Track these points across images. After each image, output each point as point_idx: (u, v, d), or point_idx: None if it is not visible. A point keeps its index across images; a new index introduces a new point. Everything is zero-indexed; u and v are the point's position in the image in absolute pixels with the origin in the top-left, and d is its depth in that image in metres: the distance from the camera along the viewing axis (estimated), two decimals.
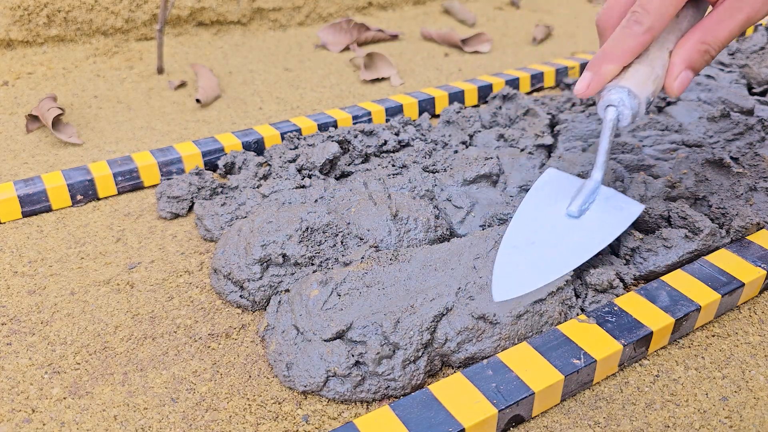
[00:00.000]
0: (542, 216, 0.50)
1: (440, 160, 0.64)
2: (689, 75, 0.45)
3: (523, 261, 0.46)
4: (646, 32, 0.44)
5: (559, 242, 0.48)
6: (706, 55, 0.44)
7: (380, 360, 0.40)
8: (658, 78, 0.45)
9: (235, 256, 0.49)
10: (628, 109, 0.45)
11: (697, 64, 0.45)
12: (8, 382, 0.42)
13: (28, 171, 0.68)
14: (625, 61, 0.45)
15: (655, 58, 0.45)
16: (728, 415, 0.40)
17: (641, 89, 0.45)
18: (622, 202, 0.50)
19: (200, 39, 1.11)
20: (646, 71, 0.45)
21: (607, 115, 0.46)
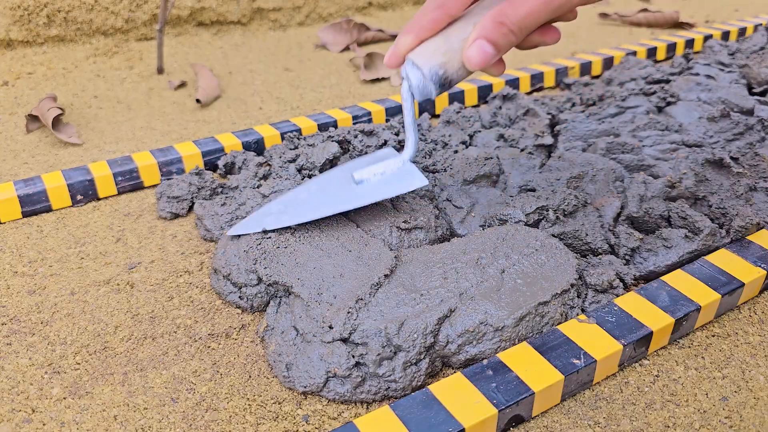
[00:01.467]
0: (329, 181, 0.53)
1: (440, 160, 0.64)
2: (484, 45, 0.42)
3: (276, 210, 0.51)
4: (437, 8, 0.43)
5: (322, 199, 0.51)
6: (502, 27, 0.42)
7: (381, 361, 0.40)
8: (451, 50, 0.44)
9: (236, 257, 0.49)
10: (412, 81, 0.45)
11: (492, 36, 0.42)
12: (8, 382, 0.42)
13: (28, 171, 0.68)
14: (419, 34, 0.44)
15: (452, 32, 0.44)
16: (728, 415, 0.40)
17: (425, 60, 0.44)
18: (411, 175, 0.51)
19: (200, 39, 1.11)
20: (437, 43, 0.44)
21: (402, 89, 0.47)
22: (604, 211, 0.54)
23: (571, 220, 0.53)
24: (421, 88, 0.45)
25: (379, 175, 0.51)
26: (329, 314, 0.42)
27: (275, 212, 0.51)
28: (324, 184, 0.53)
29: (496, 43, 0.42)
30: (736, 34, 1.13)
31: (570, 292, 0.46)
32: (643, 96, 0.78)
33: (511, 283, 0.45)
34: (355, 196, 0.51)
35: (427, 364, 0.41)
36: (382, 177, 0.51)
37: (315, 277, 0.46)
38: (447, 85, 0.45)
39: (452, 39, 0.44)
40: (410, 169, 0.51)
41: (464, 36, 0.44)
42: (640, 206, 0.55)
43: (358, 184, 0.51)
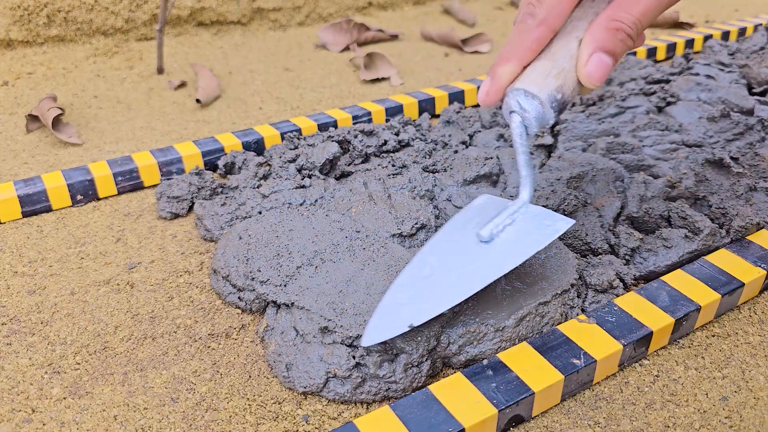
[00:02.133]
0: (449, 246, 0.44)
1: (440, 160, 0.64)
2: (603, 58, 0.39)
3: (406, 297, 0.41)
4: (540, 24, 0.39)
5: (456, 271, 0.42)
6: (619, 33, 0.38)
7: (382, 363, 0.40)
8: (563, 71, 0.40)
9: (235, 259, 0.49)
10: (531, 113, 0.40)
11: (610, 45, 0.39)
12: (8, 382, 0.42)
13: (28, 171, 0.68)
14: (522, 59, 0.40)
15: (558, 51, 0.40)
16: (728, 415, 0.40)
17: (540, 87, 0.40)
18: (548, 219, 0.44)
19: (200, 39, 1.11)
20: (545, 66, 0.40)
21: (512, 123, 0.41)
22: (604, 211, 0.54)
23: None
24: (540, 117, 0.40)
25: (509, 226, 0.43)
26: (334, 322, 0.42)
27: (407, 302, 0.41)
28: (445, 252, 0.44)
29: (614, 52, 0.39)
30: (736, 34, 1.14)
31: (570, 292, 0.46)
32: (643, 96, 0.78)
33: (511, 283, 0.45)
34: (496, 260, 0.42)
35: (428, 365, 0.41)
36: (514, 228, 0.43)
37: (320, 293, 0.45)
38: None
39: (560, 59, 0.40)
40: (539, 212, 0.44)
41: (572, 52, 0.40)
42: (640, 206, 0.55)
43: (488, 243, 0.43)
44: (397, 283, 0.42)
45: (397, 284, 0.42)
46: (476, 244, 0.43)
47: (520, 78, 0.40)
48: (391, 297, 0.41)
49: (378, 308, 0.41)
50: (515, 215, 0.44)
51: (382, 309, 0.41)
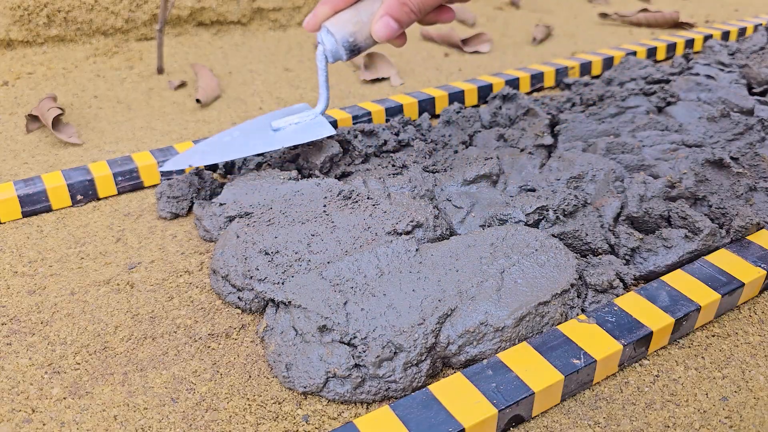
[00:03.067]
0: (250, 128, 0.61)
1: (440, 160, 0.64)
2: (389, 21, 0.51)
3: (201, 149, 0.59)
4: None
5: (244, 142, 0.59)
6: (404, 7, 0.50)
7: (381, 362, 0.40)
8: (360, 22, 0.52)
9: (233, 258, 0.49)
10: (326, 46, 0.54)
11: (396, 14, 0.51)
12: (8, 382, 0.42)
13: (28, 171, 0.68)
14: (335, 6, 0.53)
15: (362, 7, 0.52)
16: (728, 415, 0.40)
17: (337, 28, 0.52)
18: (322, 126, 0.60)
19: (200, 39, 1.11)
20: (348, 15, 0.52)
21: (317, 52, 0.55)
22: (604, 211, 0.54)
23: (571, 220, 0.53)
24: (334, 51, 0.54)
25: (294, 124, 0.60)
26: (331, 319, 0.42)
27: (200, 152, 0.58)
28: (245, 130, 0.61)
29: (399, 19, 0.51)
30: (736, 34, 1.14)
31: (570, 292, 0.46)
32: (643, 96, 0.78)
33: (511, 283, 0.45)
34: (273, 141, 0.59)
35: (428, 365, 0.41)
36: (297, 126, 0.60)
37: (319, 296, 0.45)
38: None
39: (362, 12, 0.52)
40: (321, 121, 0.60)
41: (372, 10, 0.52)
42: (640, 206, 0.55)
43: (275, 131, 0.60)
44: (204, 141, 0.61)
45: (204, 141, 0.60)
46: (267, 130, 0.61)
47: (330, 19, 0.53)
48: (194, 147, 0.60)
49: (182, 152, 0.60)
50: (305, 119, 0.61)
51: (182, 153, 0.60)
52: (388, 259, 0.47)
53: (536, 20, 1.28)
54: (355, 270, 0.46)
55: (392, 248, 0.48)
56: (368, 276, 0.46)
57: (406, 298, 0.44)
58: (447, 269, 0.46)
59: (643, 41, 1.06)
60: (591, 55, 0.98)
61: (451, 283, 0.45)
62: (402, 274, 0.46)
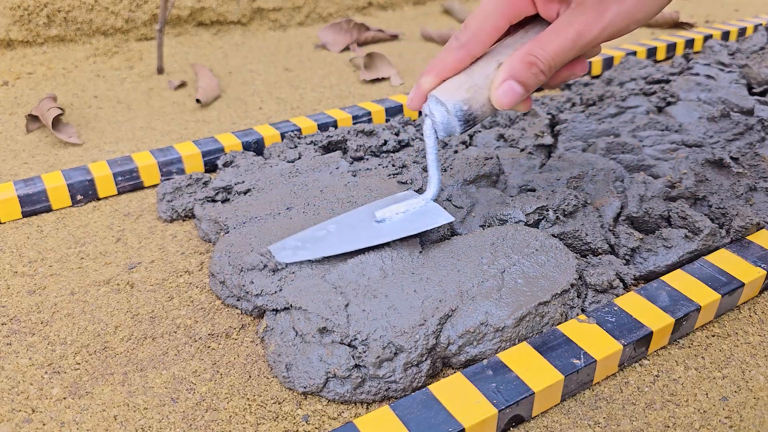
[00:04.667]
0: (350, 218, 0.51)
1: (440, 160, 0.64)
2: (513, 86, 0.43)
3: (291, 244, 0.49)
4: (460, 48, 0.44)
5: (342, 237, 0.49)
6: (533, 67, 0.43)
7: (381, 363, 0.40)
8: (475, 86, 0.44)
9: (230, 266, 0.48)
10: (437, 117, 0.45)
11: (522, 76, 0.43)
12: (8, 382, 0.42)
13: (28, 171, 0.68)
14: (441, 73, 0.45)
15: (476, 70, 0.45)
16: (728, 415, 0.40)
17: (448, 96, 0.44)
18: (436, 213, 0.50)
19: (200, 39, 1.11)
20: (460, 80, 0.44)
21: (424, 126, 0.47)
22: (604, 211, 0.54)
23: (571, 220, 0.53)
24: (445, 124, 0.45)
25: (402, 213, 0.50)
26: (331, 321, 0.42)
27: (291, 247, 0.49)
28: (343, 222, 0.51)
29: (526, 83, 0.43)
30: (736, 34, 1.13)
31: (570, 292, 0.46)
32: (643, 96, 0.78)
33: (511, 283, 0.45)
34: (376, 234, 0.49)
35: (428, 365, 0.41)
36: (405, 215, 0.50)
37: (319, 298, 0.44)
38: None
39: (476, 76, 0.44)
40: (433, 208, 0.50)
41: (488, 73, 0.44)
42: (640, 206, 0.55)
43: (379, 223, 0.50)
44: (294, 236, 0.50)
45: (294, 237, 0.50)
46: (369, 222, 0.50)
47: (438, 87, 0.45)
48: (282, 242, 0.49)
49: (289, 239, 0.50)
50: (413, 207, 0.50)
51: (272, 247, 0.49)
52: (393, 261, 0.47)
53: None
54: (359, 272, 0.46)
55: (398, 251, 0.48)
56: (371, 278, 0.46)
57: (408, 298, 0.44)
58: (448, 270, 0.46)
59: (643, 41, 1.06)
60: None
61: (452, 283, 0.45)
62: (404, 276, 0.46)
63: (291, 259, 0.47)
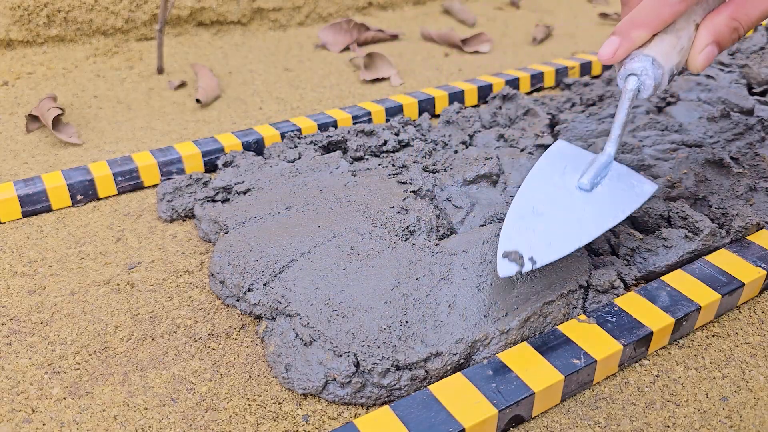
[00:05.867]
0: (551, 187, 0.47)
1: (440, 160, 0.64)
2: (714, 50, 0.43)
3: (531, 235, 0.43)
4: (681, 1, 0.42)
5: (570, 215, 0.45)
6: (735, 33, 0.43)
7: (386, 373, 0.40)
8: (683, 50, 0.43)
9: (230, 266, 0.48)
10: (651, 79, 0.43)
11: (725, 40, 0.43)
12: (8, 382, 0.42)
13: (28, 171, 0.68)
14: (656, 28, 0.42)
15: (681, 29, 0.43)
16: (728, 415, 0.40)
17: (666, 59, 0.43)
18: (634, 179, 0.48)
19: (200, 39, 1.11)
20: (672, 41, 0.43)
21: (628, 84, 0.44)
22: None
23: None
24: (658, 85, 0.43)
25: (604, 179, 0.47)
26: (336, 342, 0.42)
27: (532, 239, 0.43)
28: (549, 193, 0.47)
29: (725, 46, 0.43)
30: None
31: (576, 293, 0.46)
32: None
33: (517, 283, 0.45)
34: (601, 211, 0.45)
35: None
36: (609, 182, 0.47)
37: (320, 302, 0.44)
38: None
39: (683, 37, 0.43)
40: (626, 171, 0.48)
41: (690, 35, 0.43)
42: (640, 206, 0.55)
43: (589, 192, 0.46)
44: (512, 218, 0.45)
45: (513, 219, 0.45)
46: (578, 191, 0.46)
47: (650, 45, 0.43)
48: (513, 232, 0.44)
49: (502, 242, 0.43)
50: (607, 169, 0.47)
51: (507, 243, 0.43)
52: (390, 263, 0.47)
53: (536, 20, 1.28)
54: (362, 281, 0.46)
55: (392, 252, 0.48)
56: (377, 290, 0.45)
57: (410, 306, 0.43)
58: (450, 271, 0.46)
59: None
60: (591, 55, 0.98)
61: (455, 287, 0.45)
62: (410, 281, 0.45)
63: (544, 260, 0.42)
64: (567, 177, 0.48)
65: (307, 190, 0.57)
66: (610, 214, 0.45)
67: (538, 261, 0.42)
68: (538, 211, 0.45)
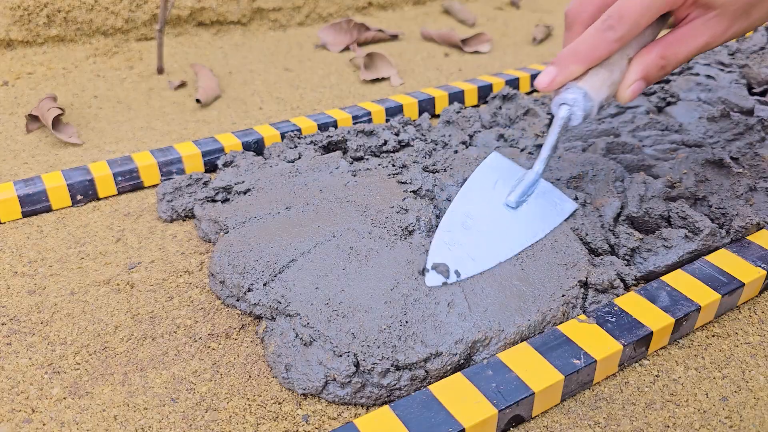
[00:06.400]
0: (481, 202, 0.52)
1: (440, 160, 0.64)
2: (642, 85, 0.46)
3: (458, 249, 0.47)
4: (617, 41, 0.44)
5: (495, 231, 0.49)
6: (662, 70, 0.45)
7: (386, 373, 0.40)
8: (614, 84, 0.46)
9: (230, 266, 0.48)
10: (581, 110, 0.46)
11: (652, 77, 0.46)
12: (8, 382, 0.42)
13: (28, 171, 0.68)
14: (591, 63, 0.45)
15: (614, 64, 0.46)
16: (728, 415, 0.40)
17: (597, 92, 0.45)
18: (557, 197, 0.53)
19: (200, 39, 1.11)
20: (604, 76, 0.45)
21: (560, 113, 0.47)
22: (604, 211, 0.54)
23: (571, 220, 0.53)
24: (586, 116, 0.46)
25: (530, 197, 0.51)
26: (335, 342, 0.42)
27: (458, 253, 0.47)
28: (478, 206, 0.51)
29: (651, 81, 0.46)
30: None
31: (574, 290, 0.46)
32: (643, 96, 0.78)
33: (517, 283, 0.45)
34: (524, 229, 0.50)
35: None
36: (534, 200, 0.51)
37: (320, 302, 0.44)
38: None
39: (615, 72, 0.46)
40: (550, 188, 0.53)
41: (622, 69, 0.46)
42: (640, 206, 0.55)
43: (515, 209, 0.51)
44: (442, 231, 0.49)
45: (443, 232, 0.49)
46: (505, 207, 0.51)
47: (584, 78, 0.46)
48: (441, 245, 0.48)
49: (431, 255, 0.47)
50: (534, 187, 0.52)
51: (436, 255, 0.47)
52: (389, 263, 0.47)
53: (536, 20, 1.28)
54: (362, 281, 0.46)
55: (392, 252, 0.48)
56: (375, 289, 0.45)
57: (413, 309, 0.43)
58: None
59: None
60: None
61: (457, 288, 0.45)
62: (409, 281, 0.45)
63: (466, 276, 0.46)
64: (497, 192, 0.52)
65: (307, 190, 0.57)
66: (532, 231, 0.50)
67: (462, 274, 0.46)
68: (466, 225, 0.50)
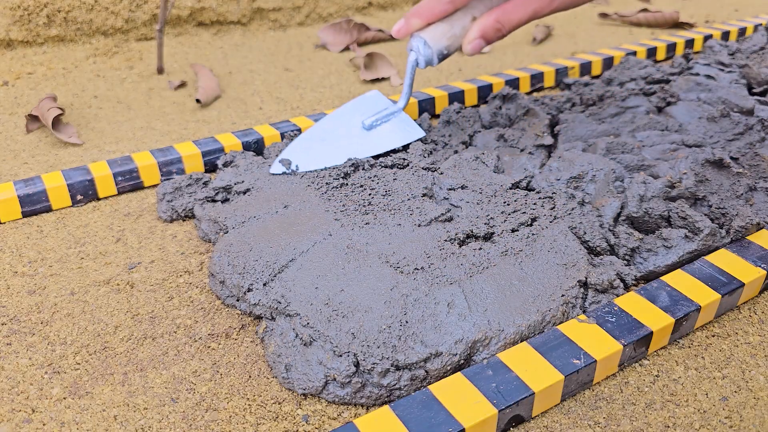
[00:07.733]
0: (342, 124, 0.65)
1: (440, 160, 0.64)
2: (482, 43, 0.57)
3: (306, 153, 0.61)
4: (449, 3, 0.56)
5: (342, 143, 0.62)
6: (498, 32, 0.56)
7: (386, 373, 0.40)
8: (454, 36, 0.58)
9: (230, 266, 0.48)
10: (422, 56, 0.59)
11: (490, 37, 0.57)
12: (8, 382, 0.42)
13: (28, 171, 0.68)
14: (429, 19, 0.57)
15: (456, 20, 0.57)
16: (728, 415, 0.40)
17: (435, 42, 0.58)
18: (409, 126, 0.65)
19: (200, 39, 1.11)
20: (444, 29, 0.57)
21: (409, 57, 0.61)
22: (604, 211, 0.54)
23: (570, 219, 0.53)
24: (428, 59, 0.59)
25: (384, 122, 0.64)
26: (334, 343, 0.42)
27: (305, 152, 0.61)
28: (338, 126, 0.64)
29: (490, 41, 0.58)
30: (736, 34, 1.14)
31: (574, 290, 0.46)
32: (643, 96, 0.78)
33: (516, 283, 0.45)
34: (370, 144, 0.63)
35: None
36: (388, 125, 0.64)
37: (319, 302, 0.44)
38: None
39: (455, 27, 0.57)
40: (407, 119, 0.66)
41: (464, 24, 0.58)
42: (640, 206, 0.55)
43: (368, 130, 0.64)
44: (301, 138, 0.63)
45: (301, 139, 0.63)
46: (359, 128, 0.65)
47: (426, 30, 0.58)
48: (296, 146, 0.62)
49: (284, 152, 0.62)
50: (391, 116, 0.65)
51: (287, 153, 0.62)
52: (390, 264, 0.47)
53: (536, 20, 1.28)
54: (361, 280, 0.46)
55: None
56: (375, 289, 0.45)
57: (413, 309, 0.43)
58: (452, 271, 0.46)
59: (643, 41, 1.06)
60: (591, 55, 0.98)
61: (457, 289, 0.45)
62: (409, 281, 0.45)
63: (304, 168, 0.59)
64: (360, 117, 0.65)
65: (306, 190, 0.57)
66: (374, 146, 0.63)
67: (300, 168, 0.60)
68: (321, 138, 0.63)
